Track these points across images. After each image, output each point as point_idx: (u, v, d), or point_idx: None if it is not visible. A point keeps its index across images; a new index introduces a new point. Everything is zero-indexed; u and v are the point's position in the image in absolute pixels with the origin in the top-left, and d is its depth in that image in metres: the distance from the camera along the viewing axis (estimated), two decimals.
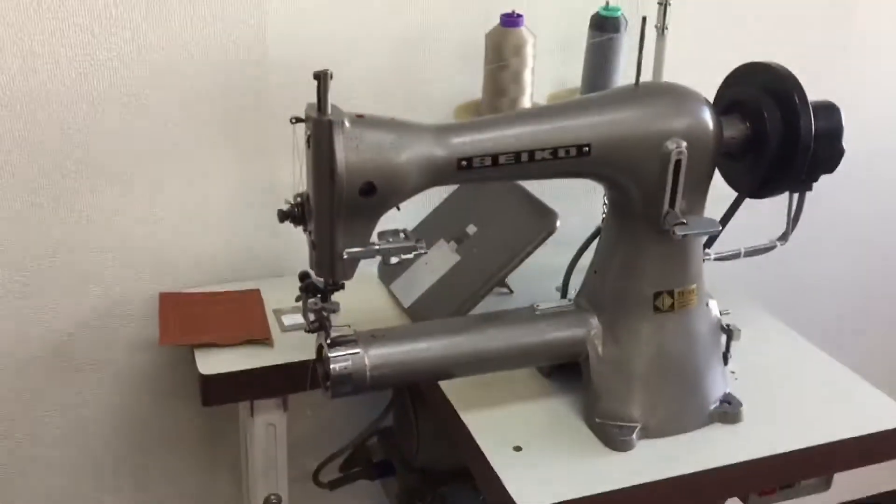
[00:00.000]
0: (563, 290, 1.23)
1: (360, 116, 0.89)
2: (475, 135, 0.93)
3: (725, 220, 1.12)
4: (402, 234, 0.99)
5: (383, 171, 0.89)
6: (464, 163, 0.92)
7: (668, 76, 1.32)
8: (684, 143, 0.98)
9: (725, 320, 1.22)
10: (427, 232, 1.40)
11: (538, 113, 0.98)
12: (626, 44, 1.34)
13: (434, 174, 0.93)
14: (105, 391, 1.44)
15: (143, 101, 1.29)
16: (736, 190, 1.11)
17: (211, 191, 1.38)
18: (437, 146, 0.91)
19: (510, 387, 1.14)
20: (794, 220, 1.15)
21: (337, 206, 0.88)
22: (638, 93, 1.00)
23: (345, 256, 0.91)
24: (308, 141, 0.89)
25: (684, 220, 0.99)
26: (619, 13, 1.31)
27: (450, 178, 0.94)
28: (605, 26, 1.32)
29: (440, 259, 1.34)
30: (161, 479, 1.54)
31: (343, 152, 0.86)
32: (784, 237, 1.16)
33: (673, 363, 1.07)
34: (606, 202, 1.07)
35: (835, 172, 1.09)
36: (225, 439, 1.53)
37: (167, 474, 1.54)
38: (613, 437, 1.05)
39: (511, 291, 1.37)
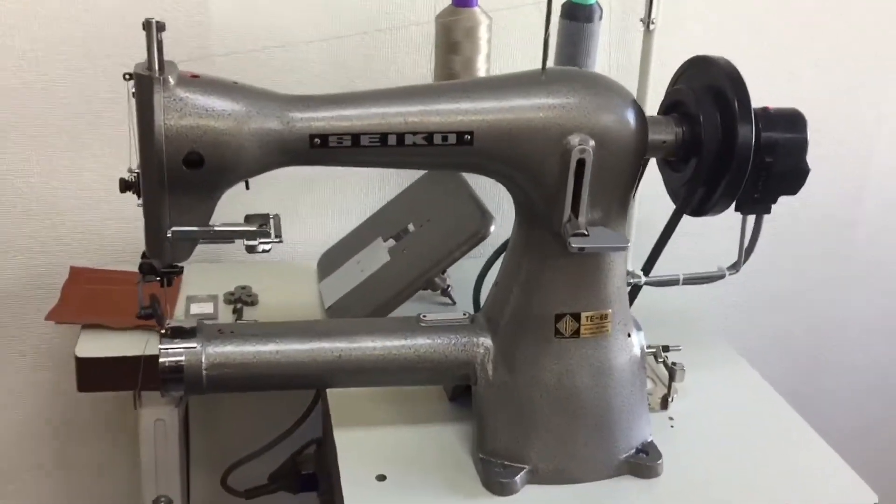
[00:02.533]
0: (475, 306, 1.08)
1: (194, 76, 0.78)
2: (333, 110, 0.81)
3: (663, 239, 0.96)
4: (270, 219, 0.88)
5: (213, 142, 0.78)
6: (317, 140, 0.80)
7: (662, 77, 1.16)
8: (591, 142, 0.83)
9: (673, 357, 1.06)
10: (371, 227, 1.29)
11: (413, 91, 0.85)
12: (603, 34, 1.19)
13: (282, 151, 0.81)
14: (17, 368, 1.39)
15: (75, 67, 1.23)
16: (675, 205, 0.94)
17: None
18: (283, 119, 0.80)
19: (407, 406, 1.01)
20: (747, 247, 0.97)
21: (158, 177, 0.78)
22: (543, 79, 0.86)
23: (168, 235, 0.80)
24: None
25: (585, 232, 0.84)
26: (592, 1, 1.16)
27: (304, 157, 0.82)
28: (576, 15, 1.17)
29: (371, 258, 1.22)
30: (62, 470, 1.48)
31: (162, 114, 0.76)
32: (735, 266, 0.98)
33: (576, 399, 0.91)
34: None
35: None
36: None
37: (67, 464, 1.47)
38: (493, 477, 0.90)
39: (454, 303, 1.23)
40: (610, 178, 0.86)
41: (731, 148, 0.86)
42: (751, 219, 0.95)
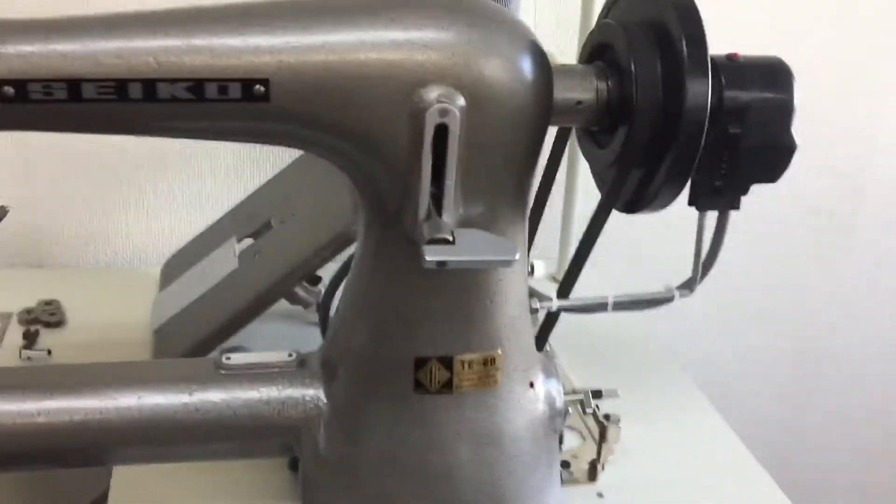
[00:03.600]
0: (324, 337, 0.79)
1: None
2: (36, 42, 0.50)
3: (584, 246, 0.66)
4: None
5: None
6: (8, 90, 0.50)
7: None
8: (459, 99, 0.53)
9: (609, 407, 0.77)
10: (229, 223, 0.99)
11: (171, 16, 0.54)
12: None
13: None
14: None
15: None
16: (601, 194, 0.65)
17: None
18: None
19: (226, 478, 0.72)
20: (706, 259, 0.68)
21: None
22: (391, 3, 0.56)
23: None
24: None
25: (448, 237, 0.55)
26: None
27: None
28: None
29: (217, 264, 0.92)
30: None
31: None
32: (689, 285, 0.69)
33: (449, 482, 0.62)
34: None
35: None
36: None
37: None
38: None
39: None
40: (494, 154, 0.56)
41: (677, 111, 0.57)
42: (711, 217, 0.66)
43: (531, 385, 0.64)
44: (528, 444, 0.64)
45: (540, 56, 0.57)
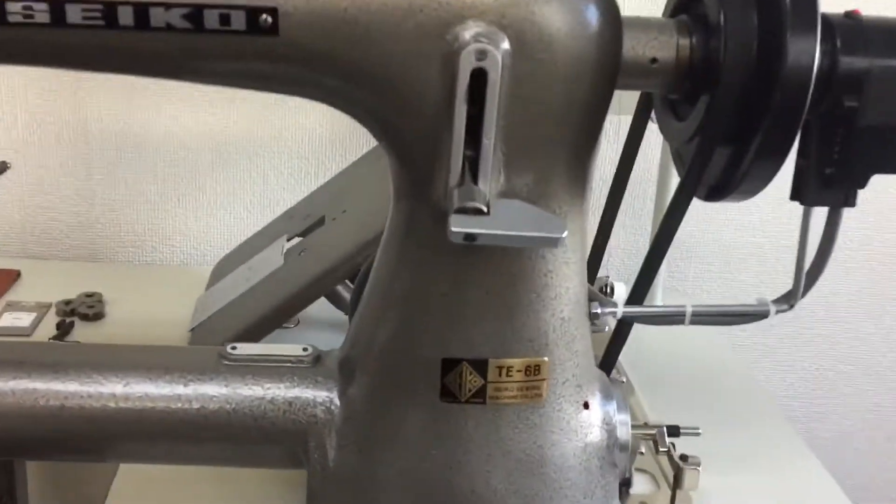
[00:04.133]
0: None
1: None
2: None
3: (660, 241, 0.55)
4: None
5: None
6: None
7: None
8: (504, 42, 0.44)
9: (686, 447, 0.65)
10: (285, 221, 0.92)
11: None
12: None
13: None
14: None
15: None
16: (681, 178, 0.54)
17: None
18: None
19: (233, 489, 0.64)
20: (812, 266, 0.56)
21: None
22: None
23: None
24: None
25: (481, 206, 0.45)
26: None
27: None
28: None
29: (263, 263, 0.85)
30: None
31: None
32: (789, 299, 0.57)
33: None
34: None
35: None
36: None
37: None
38: None
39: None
40: (546, 113, 0.47)
41: (774, 72, 0.46)
42: (819, 215, 0.54)
43: (585, 406, 0.54)
44: (578, 476, 0.53)
45: (608, 1, 0.48)
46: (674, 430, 0.65)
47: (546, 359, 0.51)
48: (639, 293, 0.57)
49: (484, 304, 0.50)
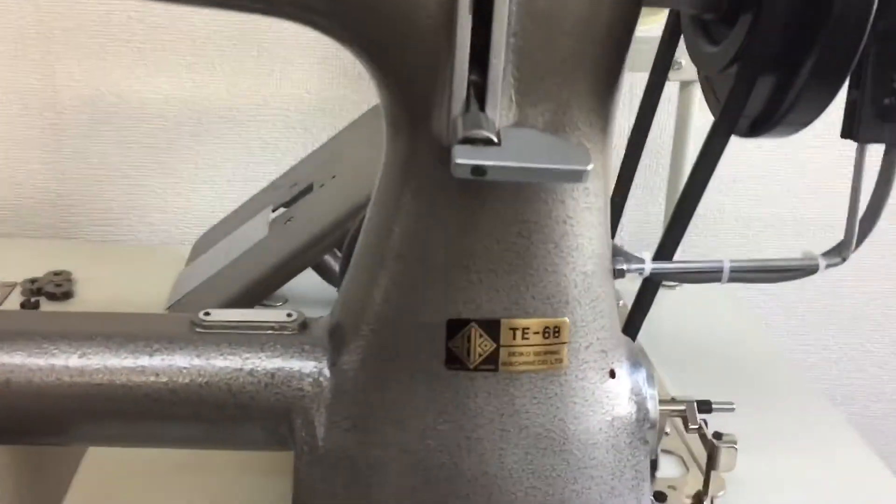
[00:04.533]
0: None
1: None
2: None
3: (692, 189, 0.48)
4: None
5: None
6: None
7: None
8: None
9: (719, 423, 0.58)
10: (270, 192, 0.85)
11: None
12: None
13: None
14: None
15: None
16: (713, 114, 0.48)
17: None
18: None
19: (211, 481, 0.57)
20: (866, 212, 0.49)
21: None
22: None
23: None
24: None
25: (490, 135, 0.38)
26: None
27: None
28: None
29: (247, 235, 0.78)
30: None
31: None
32: (840, 251, 0.50)
33: (487, 497, 0.45)
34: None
35: None
36: None
37: None
38: None
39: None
40: (564, 30, 0.40)
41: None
42: (875, 153, 0.48)
43: (611, 374, 0.47)
44: (605, 454, 0.46)
45: None
46: (705, 406, 0.58)
47: (566, 319, 0.45)
48: (666, 251, 0.50)
49: (494, 255, 0.43)
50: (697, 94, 0.83)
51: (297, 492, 0.47)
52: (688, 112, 0.84)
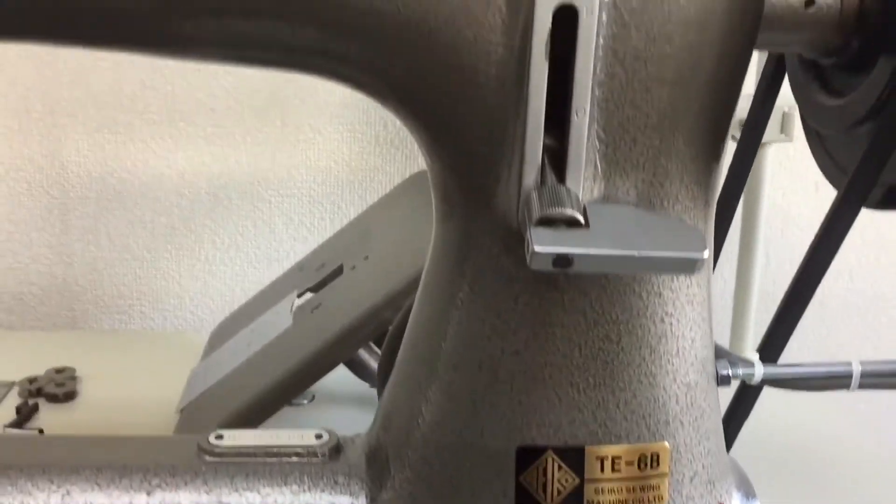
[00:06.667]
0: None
1: None
2: None
3: (806, 279, 0.39)
4: None
5: None
6: None
7: None
8: None
9: None
10: (295, 275, 0.77)
11: None
12: None
13: None
14: None
15: None
16: (834, 185, 0.39)
17: None
18: None
19: None
20: None
21: None
22: None
23: None
24: None
25: (575, 214, 0.30)
26: None
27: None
28: None
29: (268, 325, 0.69)
30: None
31: None
32: None
33: None
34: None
35: None
36: None
37: None
38: None
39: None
40: (665, 75, 0.32)
41: None
42: None
43: None
44: None
45: None
46: None
47: (667, 444, 0.35)
48: (773, 349, 0.41)
49: (575, 365, 0.34)
50: (771, 151, 0.74)
51: None
52: (762, 172, 0.75)
